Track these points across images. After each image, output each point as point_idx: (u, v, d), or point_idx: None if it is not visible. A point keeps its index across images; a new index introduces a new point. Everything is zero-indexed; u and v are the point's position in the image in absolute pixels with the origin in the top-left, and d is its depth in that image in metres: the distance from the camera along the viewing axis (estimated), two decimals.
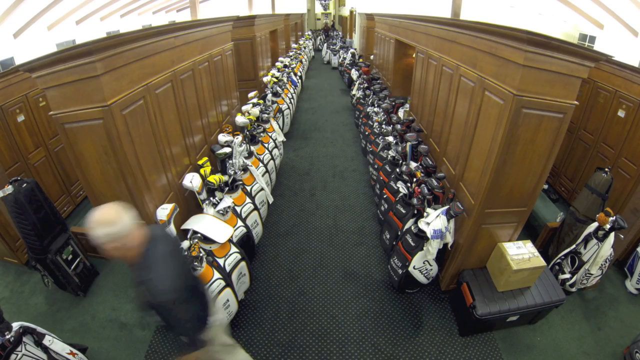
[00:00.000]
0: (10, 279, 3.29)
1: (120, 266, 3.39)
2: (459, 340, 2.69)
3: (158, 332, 2.76)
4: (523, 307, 2.52)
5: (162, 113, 2.48)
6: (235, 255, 2.65)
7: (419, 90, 3.91)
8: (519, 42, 1.86)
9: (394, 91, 6.09)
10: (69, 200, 4.09)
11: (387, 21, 6.11)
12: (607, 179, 2.82)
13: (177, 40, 2.65)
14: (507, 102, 2.00)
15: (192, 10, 4.58)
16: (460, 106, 2.74)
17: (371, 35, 8.40)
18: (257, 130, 4.10)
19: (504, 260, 2.50)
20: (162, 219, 2.27)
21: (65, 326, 2.81)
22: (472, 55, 2.50)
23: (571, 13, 5.70)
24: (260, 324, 2.82)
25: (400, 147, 3.76)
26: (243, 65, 5.61)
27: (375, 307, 2.96)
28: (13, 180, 2.65)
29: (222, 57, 3.79)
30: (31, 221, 2.68)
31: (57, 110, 1.91)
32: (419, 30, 3.87)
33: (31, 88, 3.48)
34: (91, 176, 2.16)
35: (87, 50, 1.71)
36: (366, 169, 5.18)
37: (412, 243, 2.73)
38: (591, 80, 3.72)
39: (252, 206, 3.31)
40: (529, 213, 2.50)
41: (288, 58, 8.51)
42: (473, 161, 2.50)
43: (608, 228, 2.59)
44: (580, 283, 2.91)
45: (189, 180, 2.63)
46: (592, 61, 1.88)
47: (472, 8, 6.80)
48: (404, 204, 3.10)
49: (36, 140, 3.62)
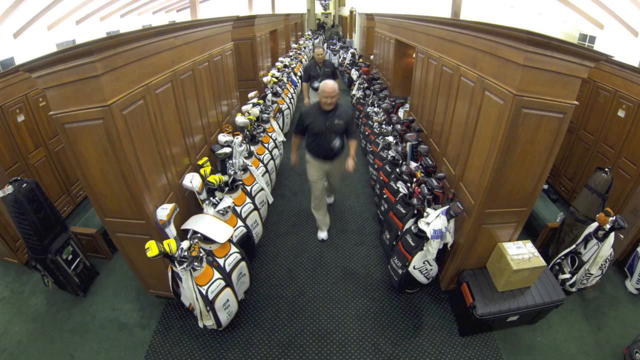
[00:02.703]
0: (10, 279, 3.29)
1: (121, 266, 3.39)
2: (459, 340, 2.69)
3: (158, 332, 2.76)
4: (523, 307, 2.52)
5: (162, 113, 2.47)
6: (235, 255, 2.65)
7: (419, 90, 3.91)
8: (519, 42, 1.86)
9: (394, 91, 6.09)
10: (69, 200, 4.09)
11: (387, 21, 6.11)
12: (607, 179, 2.82)
13: (177, 40, 2.65)
14: (507, 102, 2.00)
15: (192, 10, 4.59)
16: (460, 106, 2.74)
17: (371, 35, 8.39)
18: (257, 130, 4.10)
19: (504, 260, 2.50)
20: (162, 219, 2.27)
21: (65, 326, 2.81)
22: (472, 55, 2.50)
23: (571, 13, 5.71)
24: (260, 324, 2.82)
25: (400, 147, 3.76)
26: (243, 65, 5.61)
27: (375, 307, 2.96)
28: (13, 180, 2.65)
29: (222, 57, 3.78)
30: (31, 221, 2.68)
31: (57, 110, 1.91)
32: (419, 30, 3.87)
33: (31, 88, 3.48)
34: (91, 176, 2.16)
35: (87, 50, 1.71)
36: (366, 169, 5.19)
37: (412, 243, 2.73)
38: (591, 80, 3.72)
39: (252, 206, 3.31)
40: (529, 213, 2.50)
41: (288, 58, 8.50)
42: (473, 161, 2.51)
43: (608, 228, 2.59)
44: (580, 283, 2.91)
45: (189, 180, 2.63)
46: (592, 61, 1.88)
47: (472, 8, 6.80)
48: (404, 204, 3.10)
49: (36, 140, 3.62)
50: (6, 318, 2.91)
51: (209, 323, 2.44)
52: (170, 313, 2.92)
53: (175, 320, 2.85)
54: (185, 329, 2.78)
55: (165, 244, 2.08)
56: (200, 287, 2.27)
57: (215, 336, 2.72)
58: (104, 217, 2.39)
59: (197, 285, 2.26)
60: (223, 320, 2.45)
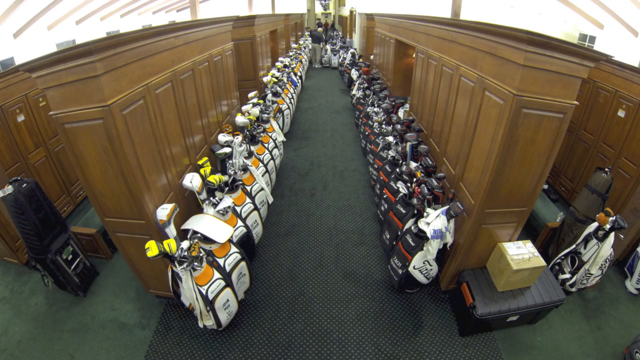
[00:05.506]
0: (10, 279, 3.29)
1: (121, 266, 3.39)
2: (459, 340, 2.69)
3: (158, 332, 2.76)
4: (523, 307, 2.52)
5: (162, 113, 2.47)
6: (235, 255, 2.65)
7: (419, 90, 3.91)
8: (519, 42, 1.86)
9: (394, 91, 6.09)
10: (69, 200, 4.09)
11: (387, 21, 6.11)
12: (607, 179, 2.82)
13: (177, 40, 2.65)
14: (507, 102, 2.00)
15: (192, 10, 4.58)
16: (460, 106, 2.74)
17: (371, 35, 8.40)
18: (257, 130, 4.10)
19: (504, 260, 2.50)
20: (162, 219, 2.27)
21: (65, 326, 2.81)
22: (472, 55, 2.50)
23: (571, 13, 5.70)
24: (260, 324, 2.82)
25: (400, 147, 3.76)
26: (243, 65, 5.61)
27: (375, 307, 2.96)
28: (13, 180, 2.65)
29: (222, 57, 3.78)
30: (31, 221, 2.68)
31: (57, 110, 1.91)
32: (419, 30, 3.87)
33: (31, 88, 3.48)
34: (91, 176, 2.16)
35: (87, 50, 1.71)
36: (366, 169, 5.18)
37: (412, 243, 2.73)
38: (591, 80, 3.72)
39: (252, 206, 3.31)
40: (529, 213, 2.50)
41: (288, 58, 8.50)
42: (473, 161, 2.51)
43: (608, 228, 2.59)
44: (580, 283, 2.91)
45: (189, 180, 2.63)
46: (592, 61, 1.88)
47: (472, 8, 6.79)
48: (404, 204, 3.10)
49: (36, 140, 3.62)
50: (6, 318, 2.91)
51: (209, 323, 2.44)
52: (170, 313, 2.92)
53: (175, 320, 2.85)
54: (185, 329, 2.78)
55: (165, 244, 2.08)
56: (200, 287, 2.27)
57: (215, 336, 2.72)
58: (104, 217, 2.39)
59: (197, 285, 2.26)
60: (223, 320, 2.45)
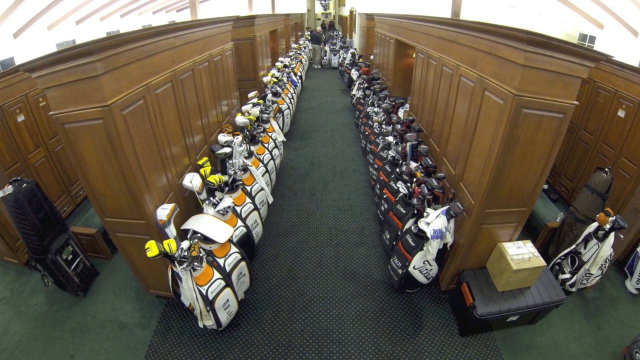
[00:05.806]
0: (10, 279, 3.29)
1: (121, 266, 3.39)
2: (459, 340, 2.69)
3: (158, 332, 2.76)
4: (523, 307, 2.52)
5: (162, 113, 2.47)
6: (235, 255, 2.65)
7: (419, 90, 3.91)
8: (519, 42, 1.86)
9: (394, 91, 6.09)
10: (69, 200, 4.09)
11: (387, 21, 6.11)
12: (607, 179, 2.82)
13: (177, 40, 2.65)
14: (507, 102, 2.00)
15: (192, 10, 4.58)
16: (460, 106, 2.74)
17: (371, 35, 8.40)
18: (257, 130, 4.10)
19: (504, 260, 2.50)
20: (162, 219, 2.27)
21: (65, 326, 2.81)
22: (472, 55, 2.50)
23: (571, 13, 5.70)
24: (260, 324, 2.82)
25: (400, 147, 3.76)
26: (243, 65, 5.61)
27: (375, 307, 2.96)
28: (13, 180, 2.65)
29: (222, 57, 3.78)
30: (31, 221, 2.68)
31: (57, 110, 1.91)
32: (419, 30, 3.87)
33: (31, 88, 3.48)
34: (91, 176, 2.16)
35: (87, 50, 1.71)
36: (366, 169, 5.18)
37: (412, 243, 2.73)
38: (591, 80, 3.72)
39: (252, 206, 3.31)
40: (529, 213, 2.50)
41: (288, 58, 8.50)
42: (473, 161, 2.50)
43: (608, 228, 2.59)
44: (580, 283, 2.91)
45: (189, 180, 2.63)
46: (592, 61, 1.88)
47: (472, 8, 6.79)
48: (404, 204, 3.10)
49: (36, 140, 3.62)
50: (6, 318, 2.91)
51: (209, 323, 2.44)
52: (170, 313, 2.92)
53: (175, 320, 2.85)
54: (185, 329, 2.78)
55: (165, 244, 2.08)
56: (200, 287, 2.27)
57: (215, 336, 2.72)
58: (104, 217, 2.39)
59: (197, 285, 2.26)
60: (223, 320, 2.45)
